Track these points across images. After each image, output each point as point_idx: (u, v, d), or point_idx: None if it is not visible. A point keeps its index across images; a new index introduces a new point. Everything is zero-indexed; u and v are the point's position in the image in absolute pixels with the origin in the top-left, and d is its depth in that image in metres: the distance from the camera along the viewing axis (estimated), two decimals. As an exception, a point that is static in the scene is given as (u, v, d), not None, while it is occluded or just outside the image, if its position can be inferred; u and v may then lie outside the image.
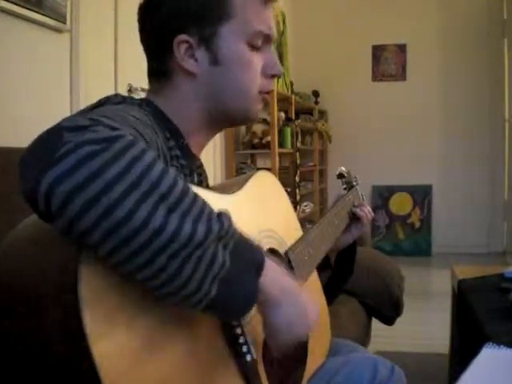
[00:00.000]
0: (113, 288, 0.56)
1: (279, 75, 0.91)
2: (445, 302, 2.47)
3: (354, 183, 1.35)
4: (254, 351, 0.74)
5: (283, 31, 4.48)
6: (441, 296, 3.32)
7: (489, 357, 0.88)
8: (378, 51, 5.52)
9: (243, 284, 0.63)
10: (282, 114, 3.90)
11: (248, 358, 0.73)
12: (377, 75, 5.54)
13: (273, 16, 0.89)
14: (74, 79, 1.94)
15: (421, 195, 5.37)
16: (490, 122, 5.20)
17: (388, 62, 5.50)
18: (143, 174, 0.53)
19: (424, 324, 3.15)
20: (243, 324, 0.74)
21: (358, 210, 1.26)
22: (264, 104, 0.91)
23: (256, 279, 0.64)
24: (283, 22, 4.50)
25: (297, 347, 0.92)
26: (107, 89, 2.16)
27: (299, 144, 4.08)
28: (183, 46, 0.82)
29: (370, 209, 1.29)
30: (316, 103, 5.22)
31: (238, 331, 0.73)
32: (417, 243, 5.31)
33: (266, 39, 0.87)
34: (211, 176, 0.97)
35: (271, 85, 0.90)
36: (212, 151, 3.26)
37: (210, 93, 0.86)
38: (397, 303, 2.03)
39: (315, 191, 5.11)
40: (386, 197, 5.44)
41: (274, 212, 0.97)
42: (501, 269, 1.96)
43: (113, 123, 0.58)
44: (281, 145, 3.76)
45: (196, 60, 0.83)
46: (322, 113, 5.42)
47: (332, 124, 5.30)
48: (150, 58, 0.88)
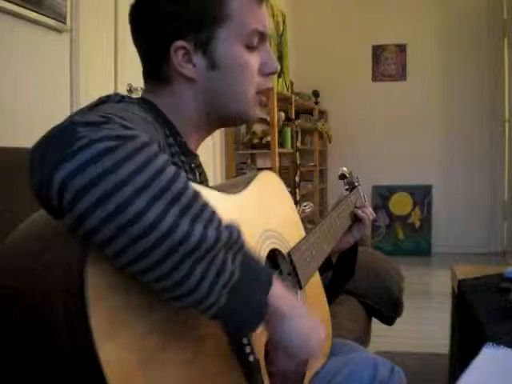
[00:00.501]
0: (119, 287, 0.56)
1: (276, 72, 0.91)
2: (445, 302, 2.47)
3: (356, 184, 1.35)
4: (257, 352, 0.74)
5: (283, 31, 4.48)
6: (441, 296, 3.32)
7: (489, 357, 0.88)
8: (378, 51, 5.52)
9: (253, 296, 0.62)
10: (282, 114, 3.90)
11: (251, 359, 0.73)
12: (377, 75, 5.54)
13: (267, 13, 0.89)
14: (74, 79, 1.94)
15: (421, 195, 5.37)
16: (490, 122, 5.20)
17: (388, 62, 5.50)
18: (156, 176, 0.53)
19: (424, 324, 3.15)
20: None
21: (360, 212, 1.26)
22: (264, 104, 0.92)
23: (266, 293, 0.63)
24: (283, 22, 4.50)
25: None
26: (107, 88, 2.16)
27: (299, 144, 4.08)
28: (180, 52, 0.82)
29: (372, 210, 1.29)
30: (316, 103, 5.22)
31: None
32: (417, 243, 5.31)
33: (262, 37, 0.87)
34: (211, 176, 0.97)
35: (268, 83, 0.90)
36: (212, 151, 3.26)
37: (209, 97, 0.85)
38: (397, 303, 2.03)
39: (315, 191, 5.11)
40: (386, 197, 5.44)
41: (278, 212, 0.97)
42: (501, 269, 1.96)
43: (125, 122, 0.58)
44: (281, 145, 3.76)
45: (194, 65, 0.83)
46: (322, 113, 5.42)
47: (332, 124, 5.30)
48: (145, 61, 0.87)
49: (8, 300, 0.57)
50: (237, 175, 3.52)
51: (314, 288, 1.04)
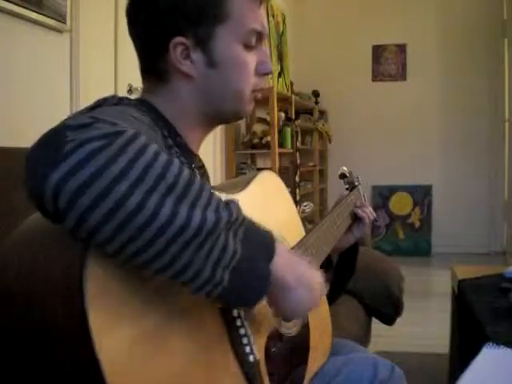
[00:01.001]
0: (118, 286, 0.56)
1: (270, 73, 0.92)
2: (445, 302, 2.47)
3: (356, 183, 1.35)
4: (257, 352, 0.74)
5: (283, 31, 4.48)
6: (441, 296, 3.32)
7: (489, 357, 0.88)
8: (378, 51, 5.52)
9: (255, 271, 0.63)
10: (282, 114, 3.90)
11: (251, 359, 0.73)
12: (377, 75, 5.54)
13: (265, 13, 0.90)
14: (74, 79, 1.94)
15: (421, 195, 5.37)
16: (490, 122, 5.21)
17: (388, 62, 5.51)
18: (148, 166, 0.54)
19: (424, 324, 3.15)
20: (246, 325, 0.74)
21: (360, 211, 1.26)
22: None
23: (268, 265, 0.65)
24: (283, 22, 4.50)
25: (299, 347, 0.92)
26: (107, 89, 2.16)
27: (299, 144, 4.08)
28: (179, 48, 0.82)
29: (372, 209, 1.29)
30: (316, 103, 5.22)
31: (242, 332, 0.73)
32: (417, 243, 5.31)
33: (259, 37, 0.87)
34: (211, 176, 0.97)
35: (262, 82, 0.91)
36: (212, 151, 3.26)
37: (206, 94, 0.86)
38: (397, 303, 2.03)
39: (315, 191, 5.11)
40: (386, 197, 5.44)
41: (278, 212, 0.97)
42: (501, 269, 1.96)
43: (114, 120, 0.58)
44: (281, 145, 3.76)
45: (192, 62, 0.83)
46: (322, 113, 5.43)
47: (332, 124, 5.29)
48: (143, 57, 0.87)
49: (7, 300, 0.57)
50: (237, 175, 3.52)
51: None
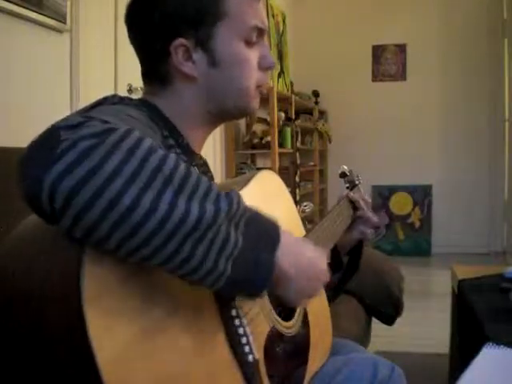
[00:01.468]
0: (115, 287, 0.56)
1: (273, 67, 0.92)
2: (445, 302, 2.47)
3: (357, 182, 1.35)
4: (256, 351, 0.74)
5: (283, 31, 4.48)
6: (441, 296, 3.32)
7: (489, 357, 0.88)
8: (378, 51, 5.52)
9: (258, 261, 0.63)
10: (282, 114, 3.90)
11: (250, 359, 0.73)
12: (377, 75, 5.54)
13: (264, 8, 0.89)
14: (74, 79, 1.94)
15: (421, 195, 5.37)
16: (490, 122, 5.20)
17: (388, 62, 5.50)
18: (143, 161, 0.54)
19: (424, 324, 3.15)
20: (245, 324, 0.74)
21: (360, 210, 1.26)
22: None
23: (272, 255, 0.64)
24: (283, 22, 4.50)
25: (299, 347, 0.92)
26: (107, 89, 2.16)
27: (299, 144, 4.08)
28: (180, 50, 0.82)
29: (373, 211, 1.30)
30: (316, 103, 5.22)
31: (241, 331, 0.73)
32: (417, 243, 5.31)
33: (260, 33, 0.87)
34: (211, 176, 0.99)
35: (266, 77, 0.91)
36: (212, 151, 3.26)
37: (210, 94, 0.85)
38: (397, 303, 2.03)
39: (315, 191, 5.11)
40: (386, 197, 5.44)
41: (277, 211, 0.97)
42: (501, 269, 1.96)
43: (108, 118, 0.58)
44: (281, 145, 3.76)
45: (194, 63, 0.83)
46: (322, 113, 5.43)
47: (332, 124, 5.29)
48: (144, 61, 0.87)
49: (5, 302, 0.57)
50: (237, 175, 3.52)
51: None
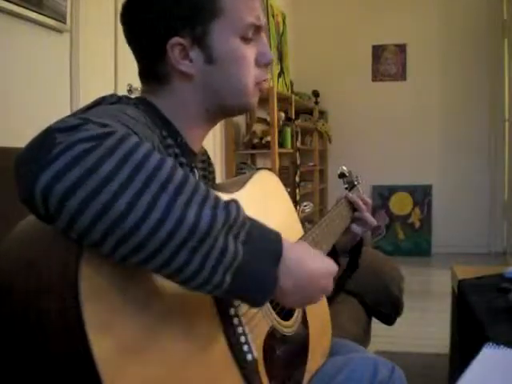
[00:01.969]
0: (113, 285, 0.56)
1: (271, 63, 0.91)
2: (445, 302, 2.47)
3: (356, 183, 1.35)
4: (255, 351, 0.74)
5: (283, 31, 4.48)
6: (441, 296, 3.32)
7: (489, 357, 0.88)
8: (378, 51, 5.52)
9: (261, 275, 0.62)
10: (282, 114, 3.90)
11: (249, 358, 0.73)
12: (377, 75, 5.54)
13: (260, 4, 0.89)
14: (74, 79, 1.94)
15: (421, 195, 5.37)
16: (490, 122, 5.20)
17: (388, 62, 5.50)
18: (139, 166, 0.53)
19: (424, 324, 3.15)
20: (244, 323, 0.74)
21: (358, 211, 1.26)
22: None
23: (275, 270, 0.64)
24: (283, 22, 4.50)
25: (298, 346, 0.92)
26: (107, 89, 2.16)
27: (299, 144, 4.08)
28: (177, 49, 0.82)
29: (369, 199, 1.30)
30: (316, 103, 5.22)
31: (240, 330, 0.73)
32: (417, 243, 5.31)
33: (257, 29, 0.87)
34: (211, 176, 1.00)
35: (265, 74, 0.90)
36: (212, 151, 3.26)
37: (208, 91, 0.85)
38: (397, 303, 2.03)
39: (315, 191, 5.11)
40: (386, 197, 5.43)
41: (276, 211, 0.97)
42: (501, 269, 1.96)
43: (103, 121, 0.58)
44: (281, 145, 3.76)
45: (191, 61, 0.83)
46: (322, 113, 5.42)
47: (332, 124, 5.29)
48: (141, 60, 0.87)
49: (3, 299, 0.57)
50: (237, 175, 3.52)
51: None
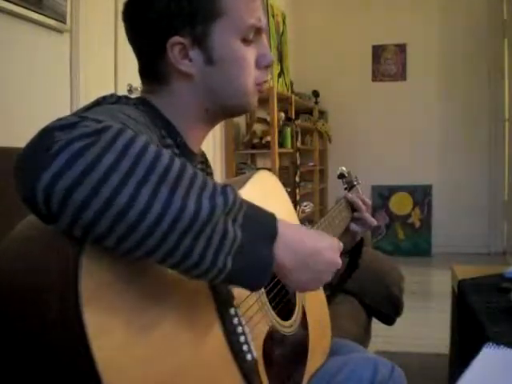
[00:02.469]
0: (113, 284, 0.56)
1: (271, 65, 0.91)
2: (445, 302, 2.47)
3: (355, 183, 1.35)
4: (255, 350, 0.74)
5: (283, 31, 4.48)
6: (441, 296, 3.32)
7: (489, 357, 0.88)
8: (378, 51, 5.52)
9: (258, 255, 0.63)
10: (282, 114, 3.89)
11: (248, 358, 0.73)
12: (377, 75, 5.54)
13: (261, 5, 0.89)
14: (74, 79, 1.94)
15: (421, 195, 5.37)
16: (490, 122, 5.20)
17: (388, 62, 5.50)
18: (138, 159, 0.54)
19: (424, 324, 3.15)
20: (244, 323, 0.74)
21: (357, 211, 1.26)
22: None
23: (271, 248, 0.65)
24: (283, 22, 4.50)
25: (297, 346, 0.92)
26: (107, 89, 2.16)
27: (299, 144, 4.08)
28: (177, 48, 0.82)
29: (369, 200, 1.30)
30: (316, 103, 5.22)
31: (239, 330, 0.73)
32: (417, 243, 5.31)
33: (257, 31, 0.87)
34: (211, 176, 1.00)
35: (265, 75, 0.90)
36: (212, 151, 3.26)
37: (208, 92, 0.85)
38: (397, 303, 2.03)
39: (315, 191, 5.11)
40: (386, 197, 5.43)
41: (275, 211, 0.97)
42: (501, 269, 1.96)
43: (102, 118, 0.58)
44: (281, 145, 3.76)
45: (190, 60, 0.83)
46: (322, 113, 5.42)
47: (332, 124, 5.29)
48: (141, 59, 0.87)
49: (4, 298, 0.57)
50: (237, 175, 3.52)
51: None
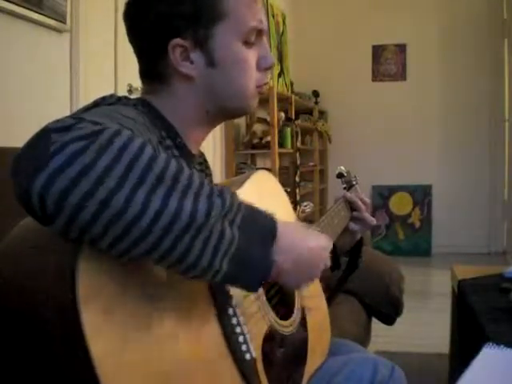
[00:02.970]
0: (111, 285, 0.56)
1: (272, 67, 0.91)
2: (445, 302, 2.47)
3: (354, 182, 1.35)
4: (254, 350, 0.74)
5: (283, 31, 4.48)
6: (441, 296, 3.32)
7: (489, 357, 0.88)
8: (378, 51, 5.52)
9: (256, 257, 0.63)
10: (282, 114, 3.89)
11: (247, 357, 0.73)
12: (377, 75, 5.54)
13: (262, 6, 0.89)
14: (74, 79, 1.94)
15: (421, 195, 5.37)
16: (490, 122, 5.20)
17: (388, 62, 5.50)
18: (134, 160, 0.54)
19: (424, 324, 3.15)
20: (243, 323, 0.74)
21: (356, 211, 1.26)
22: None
23: (269, 250, 0.65)
24: (283, 23, 4.50)
25: (297, 346, 0.92)
26: (107, 89, 2.16)
27: (299, 144, 4.08)
28: (178, 50, 0.81)
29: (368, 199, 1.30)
30: (316, 103, 5.22)
31: (238, 330, 0.73)
32: (417, 243, 5.31)
33: (259, 33, 0.87)
34: (211, 176, 1.00)
35: (266, 77, 0.90)
36: (212, 151, 3.26)
37: (208, 94, 0.85)
38: (397, 303, 2.03)
39: (315, 191, 5.10)
40: (386, 197, 5.43)
41: (273, 211, 0.97)
42: (501, 269, 1.96)
43: (99, 119, 0.58)
44: (281, 145, 3.76)
45: (192, 63, 0.83)
46: (322, 113, 5.42)
47: (332, 124, 5.29)
48: (142, 60, 0.87)
49: (1, 299, 0.57)
50: (237, 175, 3.52)
51: (313, 287, 1.04)
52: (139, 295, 0.59)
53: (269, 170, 1.10)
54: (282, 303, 0.95)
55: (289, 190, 3.59)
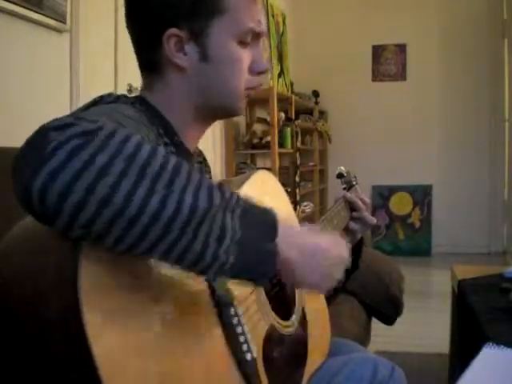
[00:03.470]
0: (113, 284, 0.56)
1: (265, 72, 0.91)
2: (445, 302, 2.47)
3: (354, 182, 1.35)
4: (255, 350, 0.74)
5: (283, 31, 4.48)
6: (441, 296, 3.32)
7: (489, 357, 0.88)
8: (378, 51, 5.52)
9: (260, 247, 0.63)
10: (282, 114, 3.89)
11: (248, 357, 0.73)
12: (377, 75, 5.54)
13: (262, 8, 0.89)
14: (74, 79, 1.94)
15: (421, 195, 5.37)
16: (490, 122, 5.20)
17: (388, 62, 5.50)
18: (133, 156, 0.54)
19: (424, 324, 3.15)
20: (243, 323, 0.74)
21: (356, 211, 1.26)
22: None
23: (273, 240, 0.64)
24: (283, 22, 4.50)
25: (297, 346, 0.92)
26: (107, 89, 2.15)
27: (299, 144, 4.07)
28: (173, 40, 0.82)
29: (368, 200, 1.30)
30: (316, 103, 5.22)
31: (239, 330, 0.73)
32: (417, 243, 5.31)
33: (256, 35, 0.87)
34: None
35: (257, 81, 0.90)
36: (212, 151, 3.26)
37: (199, 88, 0.85)
38: (397, 303, 2.03)
39: (315, 191, 5.10)
40: (386, 197, 5.43)
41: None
42: (501, 269, 1.96)
43: (97, 118, 0.58)
44: (281, 145, 3.76)
45: (185, 54, 0.83)
46: (322, 113, 5.42)
47: (332, 124, 5.29)
48: (139, 50, 0.87)
49: (3, 299, 0.57)
50: (237, 175, 3.51)
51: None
52: (141, 295, 0.59)
53: (269, 170, 1.10)
54: (282, 303, 0.95)
55: (289, 190, 3.58)
